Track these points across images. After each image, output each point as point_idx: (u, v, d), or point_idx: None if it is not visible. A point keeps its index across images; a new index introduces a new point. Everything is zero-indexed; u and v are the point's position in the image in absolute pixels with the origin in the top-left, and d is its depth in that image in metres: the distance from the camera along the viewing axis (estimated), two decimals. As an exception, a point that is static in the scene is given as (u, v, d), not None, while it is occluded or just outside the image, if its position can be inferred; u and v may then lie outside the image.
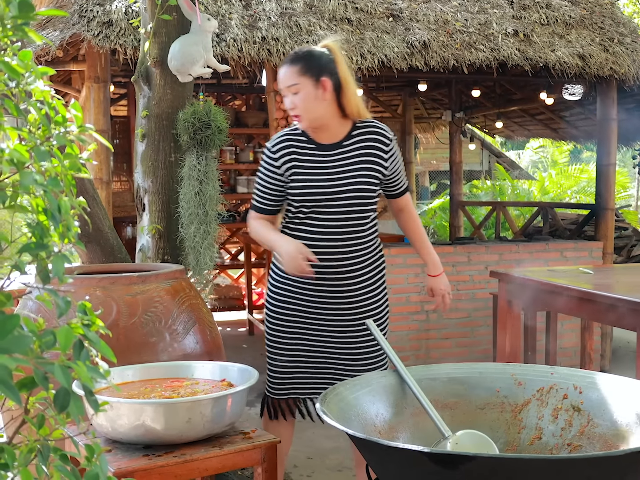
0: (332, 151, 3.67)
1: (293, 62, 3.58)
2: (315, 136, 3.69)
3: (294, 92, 3.56)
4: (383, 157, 3.70)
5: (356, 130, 3.70)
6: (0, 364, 1.03)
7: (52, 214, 1.22)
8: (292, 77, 3.55)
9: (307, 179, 3.63)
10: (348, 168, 3.64)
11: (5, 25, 1.19)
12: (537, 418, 2.87)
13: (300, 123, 3.62)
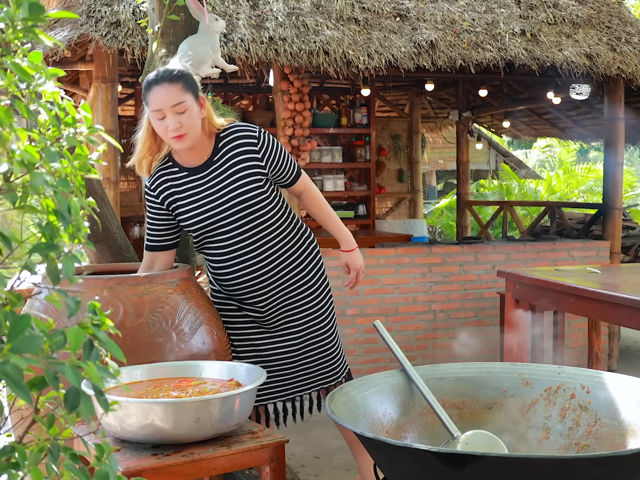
0: (205, 172, 3.56)
1: (172, 80, 3.38)
2: (185, 161, 3.59)
3: (180, 111, 3.36)
4: (256, 157, 3.57)
5: (221, 141, 3.58)
6: (12, 364, 1.04)
7: (62, 215, 1.23)
8: (176, 95, 3.36)
9: (189, 208, 3.56)
10: (225, 183, 3.54)
11: (16, 27, 1.19)
12: (544, 418, 2.87)
13: (181, 143, 3.43)
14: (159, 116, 3.37)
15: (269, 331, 3.80)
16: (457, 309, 7.23)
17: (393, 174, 13.37)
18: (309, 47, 6.27)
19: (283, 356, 3.80)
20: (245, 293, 3.68)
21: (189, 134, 3.39)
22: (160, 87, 3.36)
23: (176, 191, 3.58)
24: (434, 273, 7.13)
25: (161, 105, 3.35)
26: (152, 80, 3.39)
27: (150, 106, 3.38)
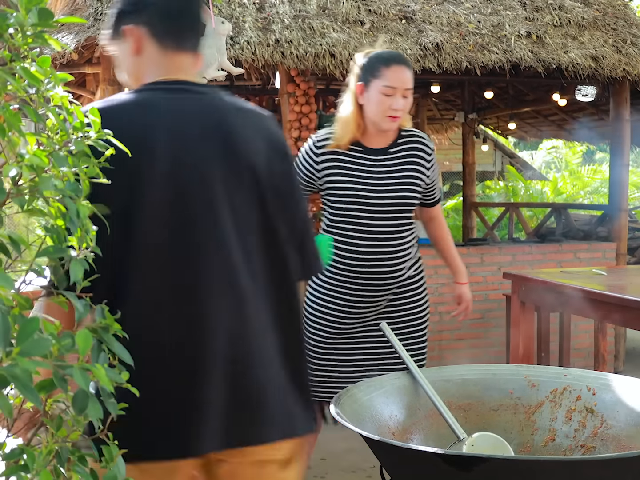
0: (379, 156, 3.68)
1: (409, 67, 3.63)
2: (369, 140, 3.69)
3: (405, 95, 3.58)
4: (425, 167, 3.73)
5: (401, 138, 3.72)
6: (21, 367, 1.05)
7: (71, 219, 1.24)
8: (411, 81, 3.60)
9: (350, 180, 3.64)
10: (393, 175, 3.66)
11: (25, 32, 1.20)
12: (550, 419, 2.87)
13: (393, 124, 3.61)
14: (389, 92, 3.54)
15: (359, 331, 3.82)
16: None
17: (399, 176, 13.34)
18: (315, 50, 6.27)
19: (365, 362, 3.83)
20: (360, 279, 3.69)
21: (401, 117, 3.61)
22: (401, 67, 3.57)
23: (342, 159, 3.67)
24: (440, 275, 7.12)
25: (398, 84, 3.55)
26: (393, 58, 3.63)
27: (386, 81, 3.54)
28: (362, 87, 3.61)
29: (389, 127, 3.62)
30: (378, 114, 3.59)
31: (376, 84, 3.55)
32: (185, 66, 2.16)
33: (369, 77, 3.58)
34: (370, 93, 3.58)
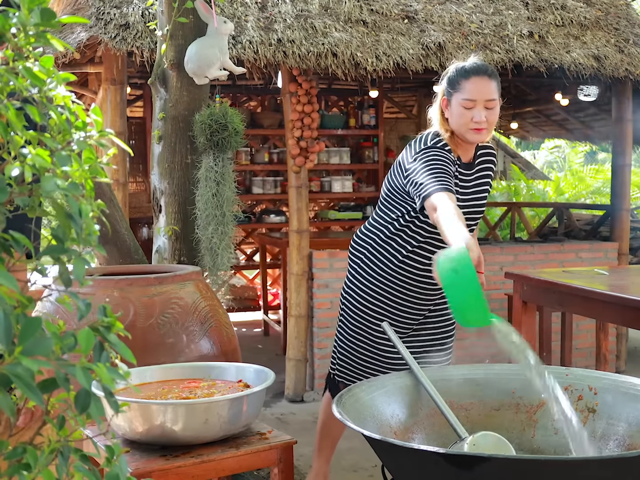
0: (469, 171, 3.72)
1: (492, 77, 3.56)
2: (460, 152, 3.68)
3: (489, 107, 3.51)
4: (492, 178, 3.85)
5: (479, 150, 3.76)
6: (23, 366, 1.05)
7: (74, 218, 1.24)
8: (494, 92, 3.53)
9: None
10: (475, 189, 3.74)
11: (28, 32, 1.21)
12: (552, 419, 2.87)
13: (479, 136, 3.55)
14: (469, 105, 3.50)
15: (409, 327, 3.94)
16: (465, 310, 7.22)
17: (401, 176, 13.35)
18: (317, 49, 6.28)
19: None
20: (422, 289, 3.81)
21: (488, 129, 3.54)
22: (480, 79, 3.51)
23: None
24: (442, 274, 7.11)
25: (477, 97, 3.49)
26: (472, 70, 3.54)
27: (465, 94, 3.50)
28: (446, 101, 3.61)
29: (475, 140, 3.59)
30: (462, 127, 3.54)
31: (457, 97, 3.54)
32: None
33: (451, 90, 3.57)
34: (453, 107, 3.56)
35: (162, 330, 3.41)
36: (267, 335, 9.46)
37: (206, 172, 4.45)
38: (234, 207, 4.53)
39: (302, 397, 6.84)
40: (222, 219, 4.41)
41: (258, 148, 10.30)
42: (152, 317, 3.39)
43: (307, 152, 6.81)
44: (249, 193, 10.00)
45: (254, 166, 10.13)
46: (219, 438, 2.77)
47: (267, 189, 10.15)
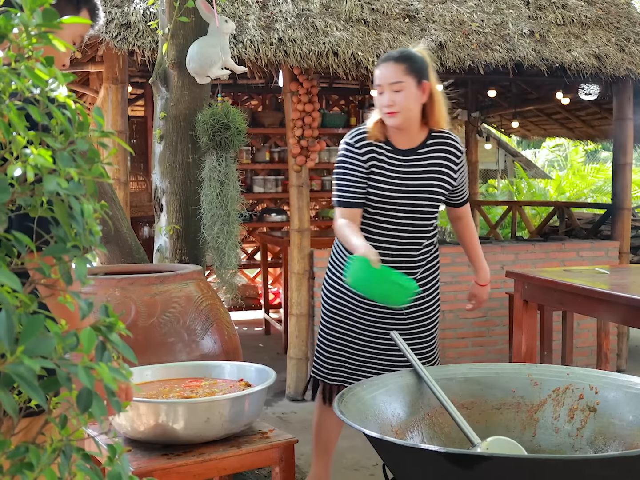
0: (407, 157, 3.77)
1: (398, 61, 3.66)
2: (394, 139, 3.79)
3: (395, 90, 3.63)
4: (453, 169, 3.83)
5: (431, 139, 3.81)
6: (26, 366, 1.05)
7: (75, 218, 1.24)
8: (397, 74, 3.63)
9: (379, 179, 3.74)
10: (420, 176, 3.76)
11: (30, 32, 1.21)
12: (553, 418, 2.88)
13: (393, 119, 3.67)
14: (378, 91, 3.70)
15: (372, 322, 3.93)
16: (465, 309, 7.23)
17: (402, 174, 13.36)
18: (318, 48, 6.28)
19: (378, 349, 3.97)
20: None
21: (401, 112, 3.65)
22: (386, 64, 3.69)
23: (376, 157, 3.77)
24: (443, 273, 7.07)
25: (381, 81, 3.69)
26: (382, 58, 3.78)
27: (375, 80, 3.73)
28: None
29: (391, 124, 3.70)
30: (380, 112, 3.74)
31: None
32: None
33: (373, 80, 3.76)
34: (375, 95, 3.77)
35: (163, 330, 3.41)
36: (268, 334, 9.47)
37: (210, 172, 4.45)
38: (238, 206, 4.53)
39: (303, 396, 6.84)
40: (227, 218, 4.42)
41: (259, 147, 10.30)
42: (153, 316, 3.40)
43: (308, 151, 6.81)
44: (250, 192, 10.00)
45: (255, 165, 10.13)
46: (220, 437, 2.77)
47: (268, 188, 10.16)
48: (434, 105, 3.76)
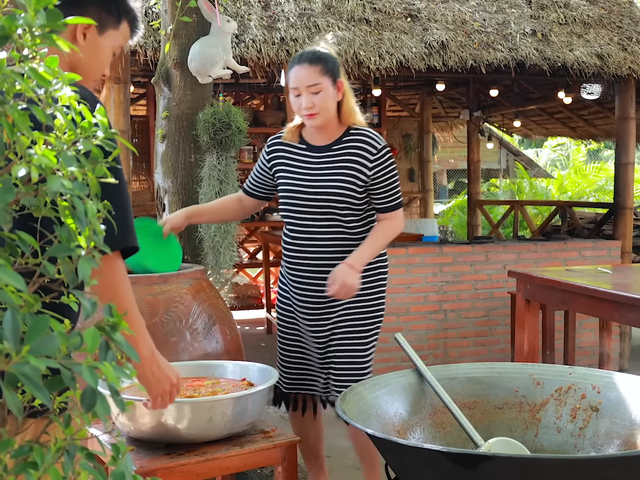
0: (320, 153, 3.75)
1: (313, 62, 3.61)
2: (310, 137, 3.79)
3: (314, 92, 3.59)
4: (366, 166, 3.67)
5: (347, 136, 3.74)
6: (31, 366, 1.06)
7: (79, 218, 1.25)
8: (313, 76, 3.59)
9: (290, 176, 3.75)
10: (330, 172, 3.70)
11: (34, 33, 1.21)
12: (555, 418, 2.88)
13: (312, 121, 3.65)
14: (295, 93, 3.65)
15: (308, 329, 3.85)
16: (467, 308, 7.23)
17: (404, 173, 13.38)
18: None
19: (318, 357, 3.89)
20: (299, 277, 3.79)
21: (320, 114, 3.62)
22: (300, 67, 3.62)
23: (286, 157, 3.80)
24: (445, 273, 7.13)
25: (298, 84, 3.62)
26: (295, 59, 3.69)
27: (289, 83, 3.66)
28: (287, 89, 3.78)
29: (312, 125, 3.69)
30: (298, 114, 3.72)
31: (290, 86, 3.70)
32: None
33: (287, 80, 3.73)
34: (290, 96, 3.72)
35: (165, 329, 3.41)
36: (270, 334, 9.46)
37: (209, 170, 4.46)
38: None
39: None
40: (225, 218, 4.42)
41: (261, 146, 10.28)
42: (156, 315, 3.40)
43: (310, 150, 6.81)
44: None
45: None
46: (223, 436, 2.77)
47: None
48: (345, 102, 3.73)
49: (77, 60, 2.26)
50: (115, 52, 2.51)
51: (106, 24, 2.37)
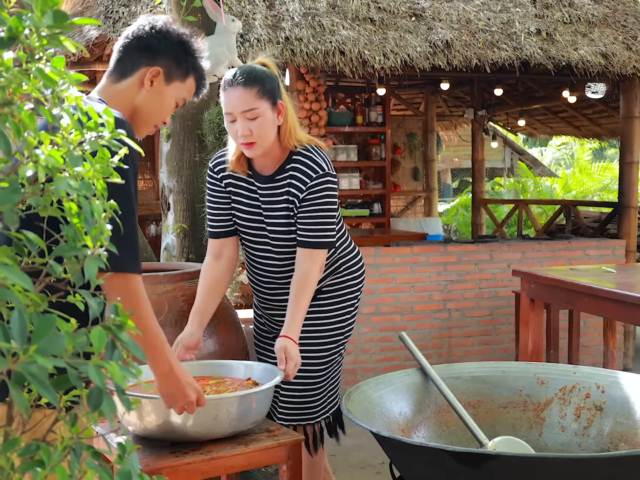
0: (264, 184, 3.35)
1: (247, 84, 3.13)
2: (257, 164, 3.37)
3: (250, 118, 3.13)
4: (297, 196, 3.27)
5: (289, 163, 3.30)
6: (38, 365, 1.06)
7: (86, 218, 1.25)
8: (248, 100, 3.12)
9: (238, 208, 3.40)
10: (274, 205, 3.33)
11: (40, 33, 1.22)
12: (559, 417, 2.88)
13: (250, 151, 3.20)
14: (230, 119, 3.17)
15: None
16: (472, 307, 7.23)
17: (408, 172, 13.39)
18: (325, 47, 6.29)
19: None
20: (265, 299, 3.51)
21: (258, 143, 3.17)
22: (234, 89, 3.15)
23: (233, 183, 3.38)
24: (449, 272, 7.14)
25: (232, 109, 3.15)
26: (227, 81, 3.18)
27: (223, 108, 3.21)
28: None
29: (251, 155, 3.25)
30: (235, 142, 3.26)
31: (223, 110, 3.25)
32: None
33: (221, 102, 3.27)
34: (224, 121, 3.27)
35: (170, 328, 3.42)
36: (274, 333, 9.45)
37: (214, 170, 4.47)
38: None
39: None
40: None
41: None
42: (161, 314, 3.40)
43: (314, 149, 6.81)
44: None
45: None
46: (228, 434, 2.78)
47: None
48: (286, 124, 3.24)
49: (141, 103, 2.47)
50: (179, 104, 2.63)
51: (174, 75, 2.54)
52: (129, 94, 2.51)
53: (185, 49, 2.57)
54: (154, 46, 2.51)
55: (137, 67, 2.51)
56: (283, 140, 3.26)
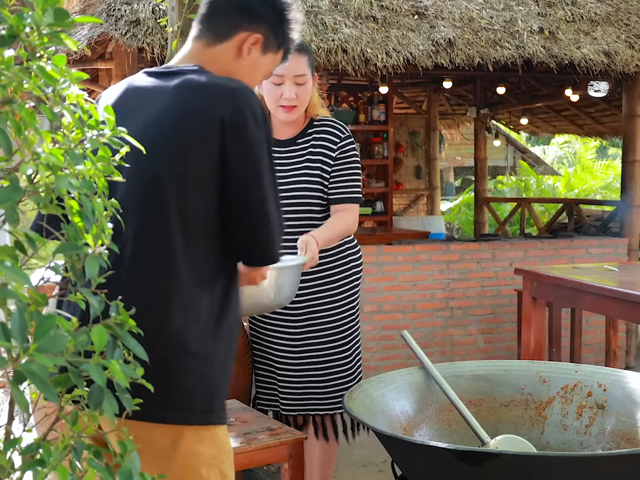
0: (285, 148, 3.53)
1: (302, 52, 3.37)
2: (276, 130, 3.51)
3: (300, 83, 3.37)
4: (330, 156, 3.51)
5: (311, 127, 3.56)
6: (38, 364, 1.06)
7: (87, 216, 1.25)
8: (302, 66, 3.37)
9: None
10: (294, 167, 3.50)
11: (41, 32, 1.22)
12: (561, 415, 2.88)
13: (289, 115, 3.43)
14: (277, 81, 3.35)
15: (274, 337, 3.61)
16: (474, 306, 7.23)
17: (411, 171, 13.39)
18: (328, 46, 6.28)
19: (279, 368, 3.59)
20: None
21: (299, 107, 3.43)
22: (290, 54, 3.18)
23: None
24: (452, 270, 7.13)
25: (285, 72, 3.32)
26: None
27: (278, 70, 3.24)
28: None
29: (285, 118, 3.46)
30: (271, 105, 3.43)
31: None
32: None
33: None
34: (263, 83, 3.40)
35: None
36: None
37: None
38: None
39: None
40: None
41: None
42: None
43: (317, 147, 6.81)
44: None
45: (264, 162, 10.11)
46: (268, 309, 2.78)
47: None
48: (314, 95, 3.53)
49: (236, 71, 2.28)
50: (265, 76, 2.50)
51: (270, 45, 2.36)
52: (225, 59, 2.30)
53: (282, 18, 2.38)
54: (255, 9, 2.30)
55: (236, 31, 2.28)
56: (309, 108, 3.52)
